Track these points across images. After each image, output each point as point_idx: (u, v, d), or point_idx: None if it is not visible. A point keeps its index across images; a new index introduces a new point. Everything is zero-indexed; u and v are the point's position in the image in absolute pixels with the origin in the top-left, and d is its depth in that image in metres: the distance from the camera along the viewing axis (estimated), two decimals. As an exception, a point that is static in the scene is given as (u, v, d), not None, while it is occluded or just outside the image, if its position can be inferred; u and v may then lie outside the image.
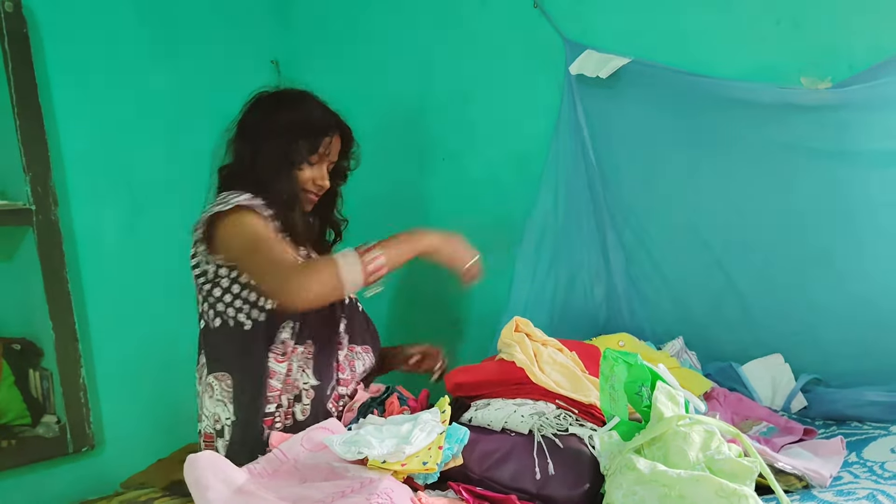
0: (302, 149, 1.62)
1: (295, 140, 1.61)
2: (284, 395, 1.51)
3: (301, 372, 1.54)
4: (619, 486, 1.09)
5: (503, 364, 1.44)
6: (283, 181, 1.60)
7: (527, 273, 2.10)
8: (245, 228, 1.49)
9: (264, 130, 1.62)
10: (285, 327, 1.53)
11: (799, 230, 1.82)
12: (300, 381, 1.54)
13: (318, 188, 1.68)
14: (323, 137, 1.65)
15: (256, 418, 1.49)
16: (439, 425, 1.26)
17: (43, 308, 2.12)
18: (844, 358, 1.76)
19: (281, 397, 1.50)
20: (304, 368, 1.54)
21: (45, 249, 2.12)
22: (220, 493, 1.08)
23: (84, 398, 2.17)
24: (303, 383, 1.54)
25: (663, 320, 2.03)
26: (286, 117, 1.63)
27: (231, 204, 1.51)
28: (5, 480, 2.06)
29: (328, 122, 1.67)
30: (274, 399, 1.50)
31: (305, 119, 1.64)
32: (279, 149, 1.60)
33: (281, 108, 1.65)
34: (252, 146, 1.62)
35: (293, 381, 1.52)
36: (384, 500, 1.03)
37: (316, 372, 1.55)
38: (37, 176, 2.12)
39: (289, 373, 1.52)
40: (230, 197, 1.53)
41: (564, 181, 2.09)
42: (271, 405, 1.50)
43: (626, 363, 1.22)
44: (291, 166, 1.62)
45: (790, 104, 1.76)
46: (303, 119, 1.64)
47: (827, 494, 1.19)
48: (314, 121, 1.65)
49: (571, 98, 2.06)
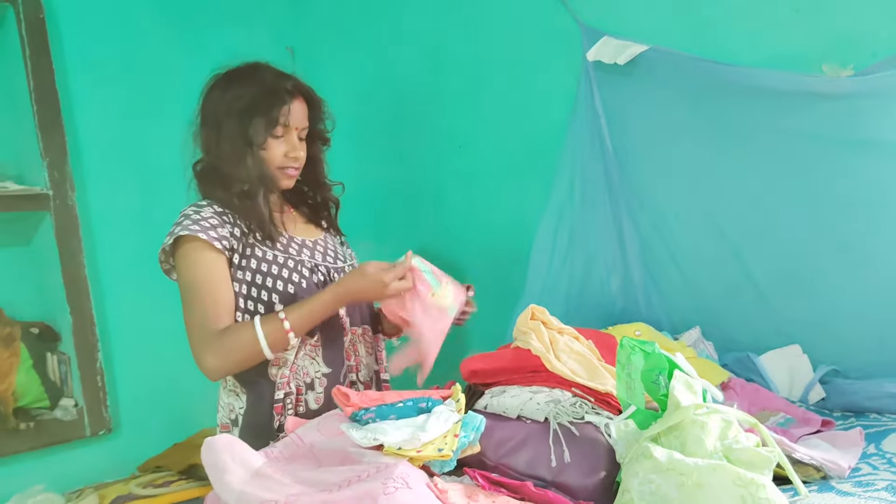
0: (258, 125, 1.51)
1: (249, 117, 1.51)
2: (293, 381, 1.51)
3: (311, 361, 1.54)
4: (636, 474, 1.09)
5: (519, 351, 1.43)
6: (247, 167, 1.51)
7: (542, 261, 2.09)
8: (181, 272, 1.49)
9: (219, 114, 1.52)
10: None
11: (818, 220, 1.80)
12: (311, 370, 1.53)
13: (294, 160, 1.56)
14: (280, 107, 1.52)
15: (266, 405, 1.49)
16: (455, 414, 1.25)
17: (60, 293, 2.14)
18: (863, 349, 1.74)
19: (290, 384, 1.50)
20: (313, 357, 1.54)
21: (62, 234, 2.13)
22: (238, 476, 1.08)
23: (101, 382, 2.19)
24: (314, 372, 1.53)
25: (680, 310, 2.02)
26: (236, 95, 1.52)
27: (174, 234, 1.48)
28: (24, 462, 2.09)
29: (282, 89, 1.53)
30: (282, 386, 1.49)
31: (257, 92, 1.52)
32: (236, 131, 1.51)
33: (231, 87, 1.54)
34: (212, 133, 1.54)
35: (302, 369, 1.52)
36: (400, 484, 1.03)
37: (326, 360, 1.54)
38: (54, 161, 2.14)
39: (296, 359, 1.51)
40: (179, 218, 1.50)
41: (581, 169, 2.08)
42: (280, 392, 1.49)
43: (644, 351, 1.21)
44: (253, 147, 1.52)
45: (811, 92, 1.73)
46: (254, 92, 1.52)
47: (845, 485, 1.18)
48: (266, 91, 1.52)
49: (589, 85, 2.04)
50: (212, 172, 1.56)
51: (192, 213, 1.51)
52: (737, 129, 1.87)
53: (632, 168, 2.05)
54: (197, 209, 1.52)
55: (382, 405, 1.27)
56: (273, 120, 1.52)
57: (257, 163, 1.52)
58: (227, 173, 1.53)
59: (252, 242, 1.53)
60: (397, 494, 1.01)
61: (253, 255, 1.52)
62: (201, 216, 1.50)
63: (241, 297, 1.50)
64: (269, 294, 1.51)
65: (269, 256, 1.53)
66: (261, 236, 1.54)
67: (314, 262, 1.60)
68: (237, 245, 1.51)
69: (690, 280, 2.01)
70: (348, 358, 1.59)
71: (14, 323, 2.14)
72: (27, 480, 1.97)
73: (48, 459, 2.14)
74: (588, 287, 2.11)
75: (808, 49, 1.76)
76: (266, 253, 1.53)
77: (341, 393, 1.28)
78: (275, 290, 1.51)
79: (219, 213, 1.52)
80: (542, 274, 2.09)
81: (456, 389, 1.36)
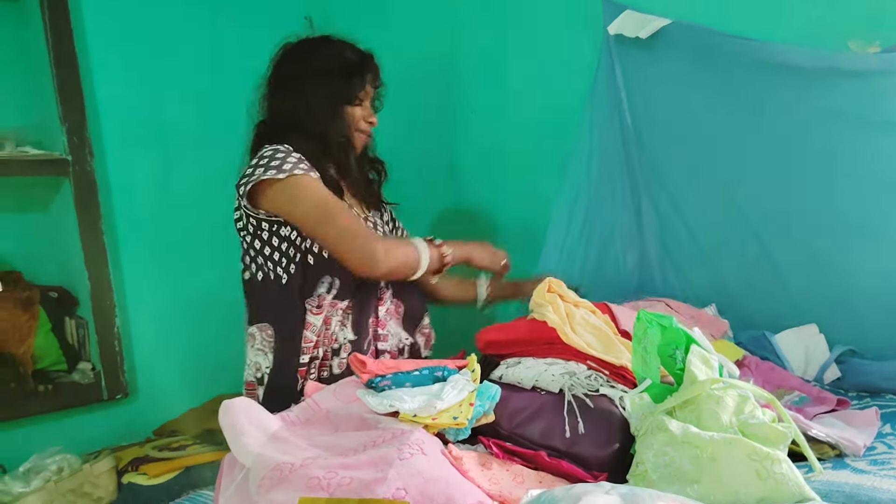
0: (352, 84, 1.63)
1: (343, 77, 1.62)
2: (321, 347, 1.53)
3: (340, 326, 1.55)
4: (650, 446, 1.09)
5: (535, 323, 1.43)
6: (338, 123, 1.61)
7: (558, 237, 2.07)
8: (310, 194, 1.51)
9: (304, 78, 1.61)
10: (322, 282, 1.54)
11: (839, 200, 1.77)
12: (339, 335, 1.55)
13: (369, 125, 1.69)
14: (366, 73, 1.66)
15: (291, 368, 1.52)
16: (470, 384, 1.26)
17: (79, 257, 2.15)
18: (881, 330, 1.73)
19: (317, 349, 1.52)
20: (343, 323, 1.56)
21: (81, 200, 2.15)
22: (255, 439, 1.09)
23: (118, 347, 2.22)
24: (342, 338, 1.55)
25: (696, 287, 2.01)
26: (324, 61, 1.63)
27: (285, 172, 1.49)
28: (42, 424, 2.13)
29: (364, 60, 1.67)
30: (308, 350, 1.51)
31: (344, 58, 1.64)
32: (327, 91, 1.60)
33: (314, 54, 1.64)
34: (295, 97, 1.61)
35: (331, 335, 1.54)
36: (415, 450, 1.04)
37: (354, 327, 1.56)
38: (73, 127, 2.14)
39: (326, 325, 1.53)
40: (276, 157, 1.50)
41: (599, 144, 2.06)
42: (305, 356, 1.51)
43: (661, 325, 1.21)
44: (346, 104, 1.63)
45: (836, 69, 1.70)
46: (341, 59, 1.64)
47: (860, 463, 1.18)
48: (352, 59, 1.65)
49: (609, 58, 2.01)
50: (283, 134, 1.59)
51: (283, 155, 1.52)
52: (759, 106, 1.84)
53: (651, 144, 2.03)
54: (287, 150, 1.54)
55: (398, 373, 1.27)
56: (361, 83, 1.64)
57: (344, 121, 1.63)
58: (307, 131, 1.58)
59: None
60: (412, 460, 1.02)
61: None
62: (299, 157, 1.53)
63: (294, 248, 1.54)
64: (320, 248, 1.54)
65: None
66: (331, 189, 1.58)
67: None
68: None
69: (708, 258, 2.00)
70: (380, 326, 1.61)
71: (33, 287, 2.16)
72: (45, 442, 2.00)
73: (65, 422, 2.17)
74: (604, 263, 2.10)
75: (833, 25, 1.73)
76: None
77: (358, 360, 1.29)
78: (310, 251, 1.54)
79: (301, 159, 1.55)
80: (558, 249, 2.07)
81: (472, 359, 1.36)
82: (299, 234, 1.54)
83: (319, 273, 1.54)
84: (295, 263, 1.53)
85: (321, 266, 1.54)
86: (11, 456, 1.94)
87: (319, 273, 1.54)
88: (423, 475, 0.99)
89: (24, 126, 2.16)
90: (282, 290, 1.54)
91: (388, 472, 0.98)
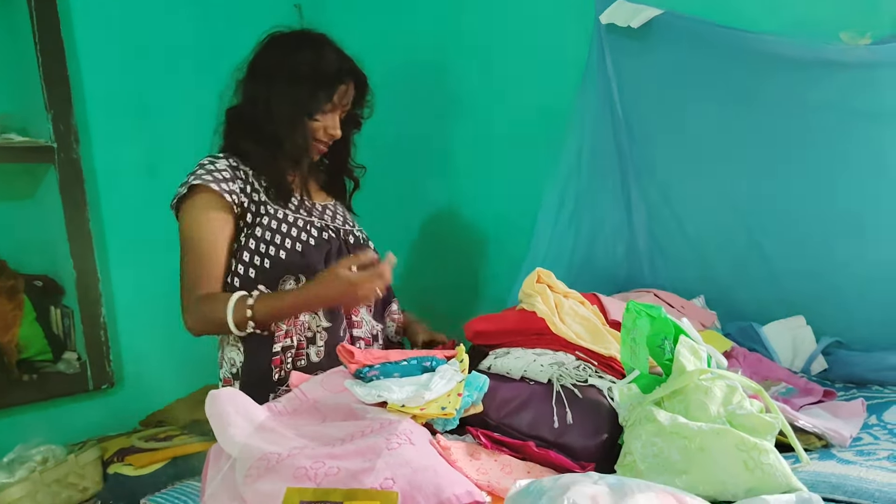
0: (318, 97, 1.57)
1: (311, 87, 1.56)
2: (294, 336, 1.51)
3: (311, 316, 1.54)
4: (639, 436, 1.09)
5: (524, 314, 1.43)
6: (296, 132, 1.57)
7: (547, 226, 2.06)
8: (186, 223, 1.53)
9: (279, 73, 1.56)
10: (287, 280, 1.54)
11: (829, 191, 1.78)
12: (311, 323, 1.54)
13: (329, 137, 1.63)
14: (339, 85, 1.59)
15: (263, 359, 1.51)
16: (459, 374, 1.26)
17: (64, 246, 2.13)
18: (868, 322, 1.74)
19: (289, 338, 1.50)
20: (314, 312, 1.54)
21: (66, 187, 2.12)
22: (242, 429, 1.09)
23: (104, 336, 2.20)
24: (315, 325, 1.54)
25: (685, 279, 2.01)
26: (302, 61, 1.56)
27: (187, 183, 1.51)
28: (27, 414, 2.11)
29: (344, 69, 1.61)
30: (279, 339, 1.50)
31: (322, 65, 1.57)
32: (294, 96, 1.55)
33: (297, 51, 1.58)
34: (265, 89, 1.57)
35: (302, 324, 1.52)
36: (403, 440, 1.04)
37: (327, 314, 1.55)
38: (59, 114, 2.12)
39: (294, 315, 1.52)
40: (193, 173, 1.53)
41: (590, 134, 2.05)
42: (277, 345, 1.50)
43: (650, 316, 1.21)
44: (306, 115, 1.58)
45: (828, 60, 1.71)
46: (319, 65, 1.57)
47: (847, 454, 1.18)
48: (330, 67, 1.58)
49: (600, 48, 2.01)
50: (245, 123, 1.59)
51: (207, 164, 1.55)
52: (750, 98, 1.84)
53: (642, 135, 2.02)
54: (213, 160, 1.57)
55: (387, 363, 1.27)
56: (330, 95, 1.59)
57: (304, 130, 1.58)
58: (265, 129, 1.56)
59: (264, 201, 1.57)
60: (400, 450, 1.02)
61: (266, 213, 1.55)
62: (215, 167, 1.54)
63: (249, 253, 1.53)
64: (276, 251, 1.53)
65: (279, 215, 1.57)
66: (274, 195, 1.58)
67: (324, 222, 1.63)
68: (247, 203, 1.55)
69: (697, 249, 2.00)
70: (354, 313, 1.59)
71: (18, 275, 2.14)
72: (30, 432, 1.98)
73: (51, 412, 2.15)
74: (593, 254, 2.10)
75: (825, 17, 1.73)
76: (277, 211, 1.57)
77: (346, 350, 1.28)
78: (283, 247, 1.54)
79: (233, 168, 1.56)
80: (546, 239, 2.06)
81: (460, 350, 1.36)
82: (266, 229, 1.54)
83: (284, 270, 1.53)
84: (267, 258, 1.52)
85: (293, 261, 1.53)
86: (-4, 447, 1.92)
87: (284, 270, 1.53)
88: (412, 465, 0.99)
89: (9, 113, 2.13)
90: (249, 284, 1.52)
91: (376, 462, 0.98)
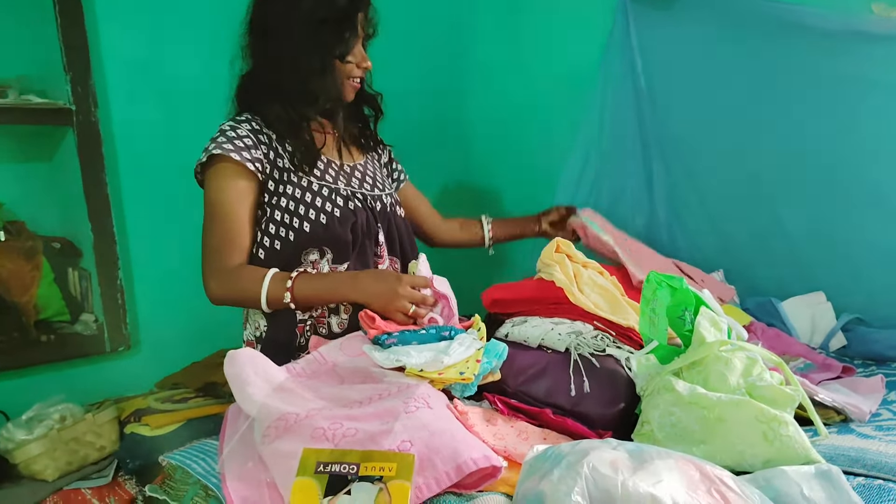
0: (344, 36, 1.46)
1: (334, 28, 1.44)
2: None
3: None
4: (657, 406, 1.09)
5: (542, 283, 1.42)
6: (328, 80, 1.48)
7: (566, 198, 2.05)
8: (209, 192, 1.49)
9: (293, 25, 1.44)
10: (311, 251, 1.49)
11: (854, 167, 1.75)
12: None
13: (363, 70, 1.53)
14: (357, 14, 1.47)
15: (289, 324, 1.49)
16: (478, 341, 1.25)
17: (82, 209, 2.13)
18: (888, 299, 1.72)
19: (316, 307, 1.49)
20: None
21: (84, 150, 2.12)
22: (260, 389, 1.09)
23: (121, 299, 2.20)
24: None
25: (704, 252, 1.99)
26: (313, 5, 1.43)
27: (208, 152, 1.46)
28: (45, 374, 2.13)
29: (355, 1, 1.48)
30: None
31: (334, 4, 1.45)
32: (320, 42, 1.44)
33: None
34: (283, 45, 1.45)
35: None
36: (421, 404, 1.04)
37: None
38: (77, 76, 2.10)
39: None
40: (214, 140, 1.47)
41: (612, 106, 2.03)
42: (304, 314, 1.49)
43: (671, 287, 1.20)
44: (338, 58, 1.47)
45: (858, 32, 1.67)
46: (332, 5, 1.45)
47: (866, 429, 1.18)
48: (342, 4, 1.45)
49: (625, 18, 1.98)
50: (267, 86, 1.49)
51: (227, 130, 1.48)
52: (778, 70, 1.81)
53: (665, 107, 2.00)
54: (234, 125, 1.49)
55: (405, 331, 1.27)
56: (355, 31, 1.47)
57: (336, 77, 1.49)
58: (289, 89, 1.47)
59: (289, 167, 1.50)
60: (418, 413, 1.02)
61: (289, 182, 1.49)
62: (237, 134, 1.47)
63: (275, 225, 1.48)
64: (301, 222, 1.49)
65: (303, 183, 1.50)
66: (300, 160, 1.49)
67: (350, 189, 1.56)
68: (271, 169, 1.48)
69: (717, 223, 1.98)
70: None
71: (36, 237, 2.14)
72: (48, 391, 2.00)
73: (68, 372, 2.17)
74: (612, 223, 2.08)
75: (856, -12, 1.69)
76: (301, 179, 1.50)
77: (368, 315, 1.28)
78: (307, 218, 1.49)
79: (255, 132, 1.49)
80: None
81: (476, 319, 1.36)
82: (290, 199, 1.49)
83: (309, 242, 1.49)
84: (292, 230, 1.48)
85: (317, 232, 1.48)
86: (14, 404, 1.93)
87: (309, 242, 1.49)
88: (429, 428, 0.99)
89: (28, 75, 2.12)
90: (275, 254, 1.49)
91: (394, 425, 0.98)
